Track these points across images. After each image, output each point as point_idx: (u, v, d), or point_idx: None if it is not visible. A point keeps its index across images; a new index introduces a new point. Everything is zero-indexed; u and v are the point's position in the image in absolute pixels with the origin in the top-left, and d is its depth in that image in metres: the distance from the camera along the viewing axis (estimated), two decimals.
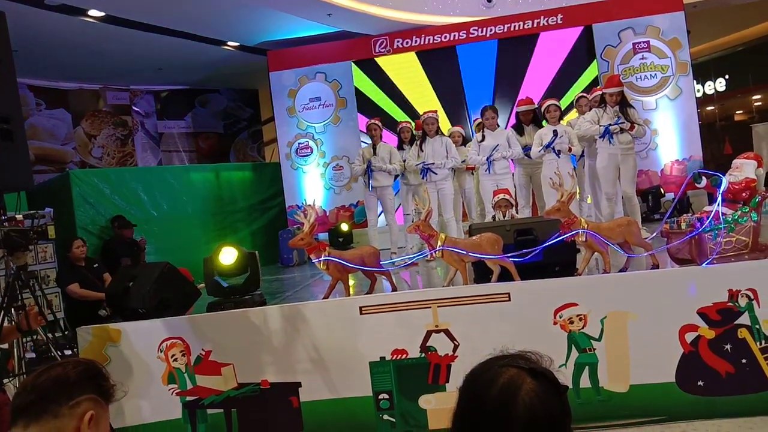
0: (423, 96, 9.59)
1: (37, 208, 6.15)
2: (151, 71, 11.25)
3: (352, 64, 9.79)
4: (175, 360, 4.09)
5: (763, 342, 3.66)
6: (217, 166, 10.52)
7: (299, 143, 9.98)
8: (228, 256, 4.37)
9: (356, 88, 9.79)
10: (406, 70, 9.70)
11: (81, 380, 1.53)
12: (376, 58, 9.73)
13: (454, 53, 9.61)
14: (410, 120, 8.40)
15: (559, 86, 9.18)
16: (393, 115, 9.49)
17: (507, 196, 5.92)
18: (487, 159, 6.71)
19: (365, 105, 9.71)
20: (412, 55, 9.68)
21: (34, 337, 4.38)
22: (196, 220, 8.97)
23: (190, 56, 10.43)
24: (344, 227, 9.19)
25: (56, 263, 6.67)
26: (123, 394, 1.68)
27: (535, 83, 9.30)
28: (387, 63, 9.72)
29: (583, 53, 9.36)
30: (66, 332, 5.84)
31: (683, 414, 3.69)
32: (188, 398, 4.09)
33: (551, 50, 9.39)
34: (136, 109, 12.19)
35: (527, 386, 1.10)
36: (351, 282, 4.46)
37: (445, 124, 8.66)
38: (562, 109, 7.23)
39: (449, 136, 7.56)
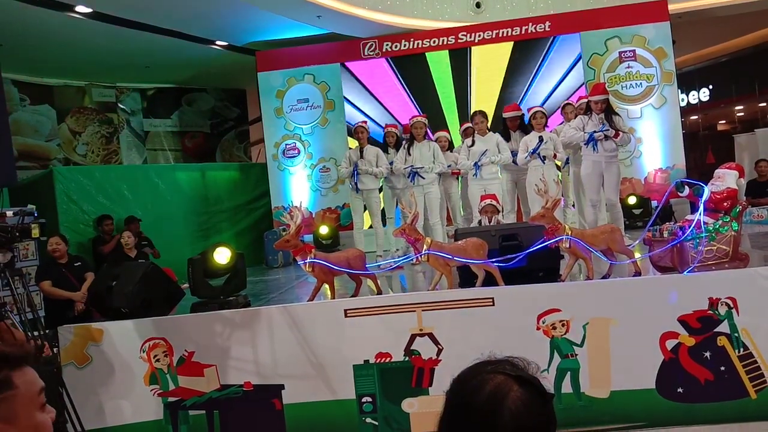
0: (407, 100, 9.62)
1: (20, 205, 6.07)
2: (138, 69, 11.16)
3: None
4: (158, 360, 4.07)
5: (741, 350, 3.72)
6: (203, 166, 10.47)
7: (286, 144, 9.95)
8: (222, 255, 4.36)
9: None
10: (390, 74, 9.72)
11: None
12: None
13: (445, 57, 9.64)
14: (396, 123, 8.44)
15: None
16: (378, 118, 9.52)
17: (493, 202, 5.94)
18: (475, 164, 6.74)
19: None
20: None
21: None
22: (181, 219, 8.91)
23: (178, 55, 10.37)
24: (323, 230, 9.13)
25: (38, 260, 6.60)
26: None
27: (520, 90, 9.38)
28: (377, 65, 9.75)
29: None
30: (46, 331, 5.77)
31: (663, 420, 3.74)
32: (170, 399, 4.07)
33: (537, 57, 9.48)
34: (122, 106, 12.08)
35: (514, 394, 1.12)
36: (336, 285, 4.46)
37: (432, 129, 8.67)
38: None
39: (435, 141, 7.57)
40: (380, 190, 7.68)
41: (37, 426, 1.28)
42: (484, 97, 9.45)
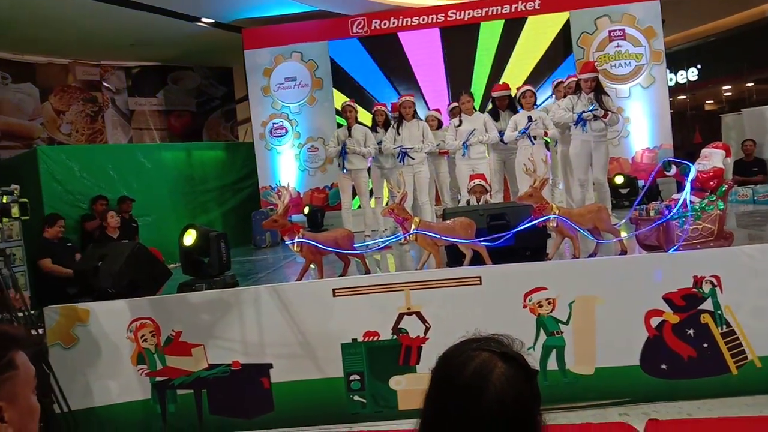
0: (402, 77, 9.56)
1: (3, 185, 6.00)
2: (123, 46, 10.98)
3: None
4: (145, 340, 4.06)
5: (724, 327, 3.77)
6: (189, 145, 10.36)
7: (274, 123, 9.86)
8: (189, 237, 4.32)
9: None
10: (387, 51, 9.63)
11: None
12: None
13: (434, 35, 9.56)
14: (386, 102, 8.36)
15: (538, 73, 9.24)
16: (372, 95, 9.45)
17: (482, 182, 5.95)
18: (464, 143, 6.74)
19: None
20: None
21: None
22: (167, 199, 8.84)
23: (163, 32, 10.20)
24: (305, 211, 9.09)
25: (23, 241, 6.53)
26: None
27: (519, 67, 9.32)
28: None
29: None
30: (32, 311, 5.75)
31: (646, 396, 3.79)
32: (158, 379, 4.06)
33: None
34: (106, 85, 11.90)
35: (498, 371, 1.12)
36: (324, 264, 4.45)
37: (422, 105, 8.64)
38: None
39: (425, 120, 7.55)
40: (369, 169, 7.65)
41: (31, 408, 1.27)
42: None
